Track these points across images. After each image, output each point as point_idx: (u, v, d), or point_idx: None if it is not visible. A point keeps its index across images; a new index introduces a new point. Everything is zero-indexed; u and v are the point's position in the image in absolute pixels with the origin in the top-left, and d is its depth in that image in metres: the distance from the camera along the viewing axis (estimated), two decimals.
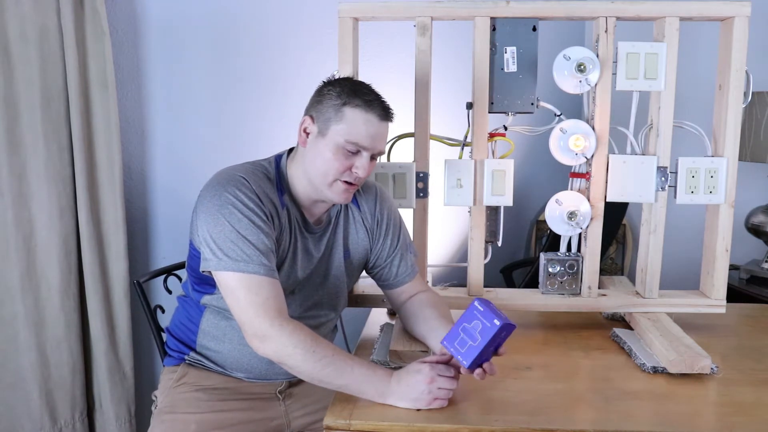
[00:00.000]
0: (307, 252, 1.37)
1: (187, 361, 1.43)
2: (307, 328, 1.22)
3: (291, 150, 1.39)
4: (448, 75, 2.22)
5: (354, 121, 1.25)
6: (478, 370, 1.18)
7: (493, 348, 1.18)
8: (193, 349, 1.42)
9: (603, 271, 2.16)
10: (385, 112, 1.29)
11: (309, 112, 1.31)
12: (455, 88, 2.13)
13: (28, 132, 1.85)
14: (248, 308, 1.20)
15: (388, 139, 1.65)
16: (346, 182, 1.29)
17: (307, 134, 1.31)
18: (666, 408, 1.20)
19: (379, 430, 1.13)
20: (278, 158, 1.38)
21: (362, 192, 1.46)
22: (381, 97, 1.30)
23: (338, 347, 1.22)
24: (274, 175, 1.34)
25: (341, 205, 1.42)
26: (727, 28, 1.54)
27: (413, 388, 1.16)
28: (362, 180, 1.31)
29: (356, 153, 1.28)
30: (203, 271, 1.26)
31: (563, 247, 1.64)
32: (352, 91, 1.27)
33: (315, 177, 1.30)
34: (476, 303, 1.19)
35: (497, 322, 1.14)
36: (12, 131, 1.83)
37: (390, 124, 1.32)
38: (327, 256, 1.41)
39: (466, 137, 1.61)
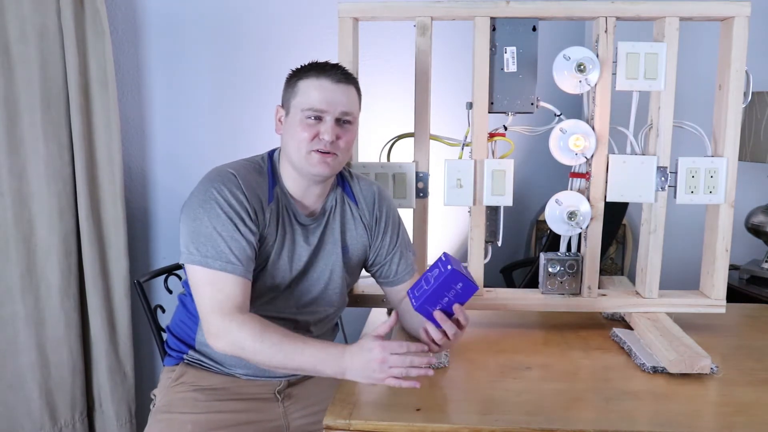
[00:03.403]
0: (297, 244, 1.37)
1: (185, 361, 1.43)
2: (260, 317, 1.23)
3: None
4: (448, 75, 2.22)
5: (307, 90, 1.29)
6: (435, 334, 1.24)
7: (450, 301, 1.22)
8: (192, 347, 1.42)
9: (603, 271, 2.16)
10: (340, 76, 1.30)
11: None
12: (455, 88, 2.13)
13: (28, 132, 1.85)
14: (206, 304, 1.23)
15: (389, 140, 1.67)
16: (319, 152, 1.29)
17: (281, 122, 1.36)
18: (666, 408, 1.20)
19: (379, 430, 1.13)
20: (272, 152, 1.41)
21: (361, 189, 1.46)
22: (338, 65, 1.33)
23: (291, 332, 1.22)
24: (267, 167, 1.36)
25: (336, 199, 1.42)
26: (727, 28, 1.54)
27: (366, 366, 1.16)
28: (338, 147, 1.30)
29: (320, 120, 1.29)
30: (180, 264, 1.28)
31: (563, 247, 1.64)
32: (306, 67, 1.32)
33: (292, 155, 1.32)
34: (442, 255, 1.24)
35: (449, 267, 1.18)
36: (12, 131, 1.83)
37: (353, 87, 1.33)
38: (321, 249, 1.41)
39: (466, 137, 1.61)
